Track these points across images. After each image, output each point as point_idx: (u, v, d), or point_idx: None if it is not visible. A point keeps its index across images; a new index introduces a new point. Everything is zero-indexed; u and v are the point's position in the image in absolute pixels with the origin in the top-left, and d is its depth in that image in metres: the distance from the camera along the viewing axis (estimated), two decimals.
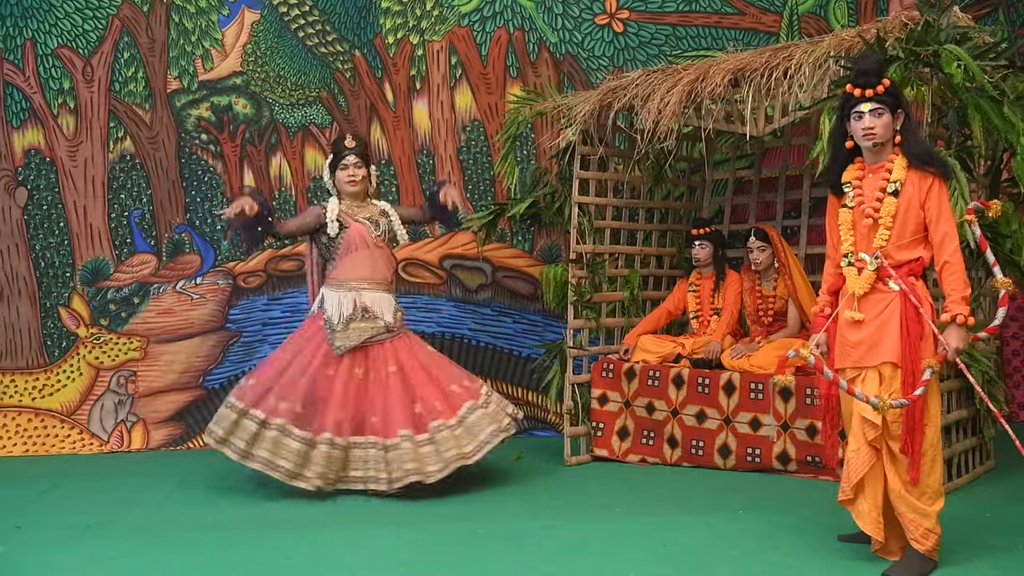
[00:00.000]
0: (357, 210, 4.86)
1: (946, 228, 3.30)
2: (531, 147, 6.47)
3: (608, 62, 6.46)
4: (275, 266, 6.34)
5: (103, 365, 6.17)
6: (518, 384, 6.44)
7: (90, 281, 6.21)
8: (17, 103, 6.17)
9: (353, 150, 4.83)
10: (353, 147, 4.84)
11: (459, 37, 6.44)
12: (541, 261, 6.39)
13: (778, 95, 4.61)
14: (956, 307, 3.24)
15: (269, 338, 6.23)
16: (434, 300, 6.42)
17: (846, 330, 3.44)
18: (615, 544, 3.80)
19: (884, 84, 3.30)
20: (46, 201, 6.20)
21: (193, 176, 6.32)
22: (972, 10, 5.79)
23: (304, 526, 4.14)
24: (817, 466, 4.84)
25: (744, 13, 6.50)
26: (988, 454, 5.04)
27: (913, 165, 3.33)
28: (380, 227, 4.88)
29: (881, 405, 3.18)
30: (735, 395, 5.10)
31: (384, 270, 4.89)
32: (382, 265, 4.88)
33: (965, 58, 4.00)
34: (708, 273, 5.67)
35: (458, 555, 3.69)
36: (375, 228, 4.85)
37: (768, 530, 3.93)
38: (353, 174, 4.82)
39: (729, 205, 6.34)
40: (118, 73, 6.25)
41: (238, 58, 6.32)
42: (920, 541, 3.30)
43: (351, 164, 4.82)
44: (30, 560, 3.72)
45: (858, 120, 3.35)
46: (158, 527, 4.14)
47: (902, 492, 3.30)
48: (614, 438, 5.46)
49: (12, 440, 6.04)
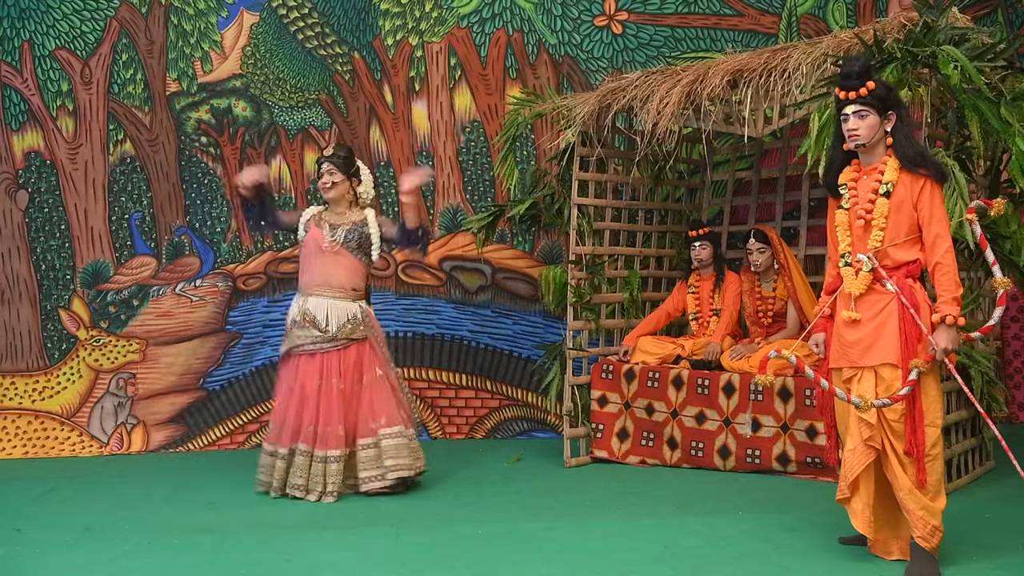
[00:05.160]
0: (335, 217, 4.85)
1: (938, 229, 3.32)
2: (531, 148, 6.47)
3: (607, 63, 6.46)
4: (275, 268, 6.34)
5: (103, 367, 6.17)
6: (518, 385, 6.44)
7: (90, 283, 6.21)
8: (16, 105, 6.17)
9: (329, 158, 4.84)
10: (329, 155, 4.86)
11: (458, 38, 6.44)
12: (541, 262, 6.39)
13: (777, 96, 4.61)
14: (947, 308, 3.26)
15: (269, 340, 6.24)
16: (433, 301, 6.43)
17: (843, 330, 3.46)
18: (615, 545, 3.80)
19: (868, 86, 3.33)
20: (47, 204, 6.20)
21: (193, 179, 6.32)
22: (971, 11, 5.80)
23: (304, 528, 4.14)
24: (817, 467, 4.84)
25: (743, 14, 6.50)
26: (988, 454, 5.05)
27: (905, 167, 3.35)
28: (336, 233, 4.76)
29: (863, 405, 3.22)
30: (735, 396, 5.10)
31: (340, 276, 4.76)
32: (338, 271, 4.76)
33: (961, 59, 4.01)
34: (707, 274, 5.67)
35: (458, 557, 3.69)
36: (331, 234, 4.77)
37: (768, 531, 3.93)
38: (324, 180, 4.84)
39: (728, 206, 6.34)
40: (117, 75, 6.25)
41: (237, 60, 6.33)
42: (927, 539, 3.31)
43: (325, 171, 4.84)
44: (30, 562, 3.72)
45: (844, 122, 3.41)
46: (158, 529, 4.14)
47: (912, 489, 3.31)
48: (614, 439, 5.46)
49: (12, 442, 6.04)
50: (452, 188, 6.48)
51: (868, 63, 3.43)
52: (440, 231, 6.41)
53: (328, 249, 4.77)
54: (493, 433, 6.44)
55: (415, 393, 6.39)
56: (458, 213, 6.43)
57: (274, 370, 6.21)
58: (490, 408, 6.45)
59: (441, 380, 6.41)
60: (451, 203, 6.43)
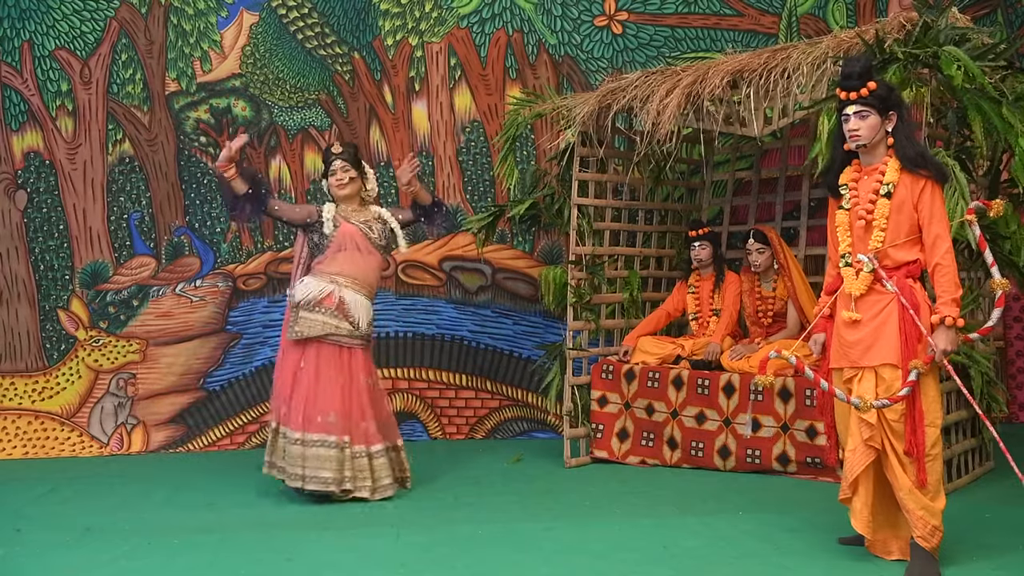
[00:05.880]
0: (353, 215, 4.82)
1: (938, 230, 3.32)
2: (531, 148, 6.47)
3: (607, 63, 6.46)
4: (275, 268, 6.34)
5: (102, 368, 6.17)
6: (518, 386, 6.44)
7: (89, 284, 6.21)
8: (15, 105, 6.17)
9: (340, 155, 4.78)
10: (340, 152, 4.81)
11: (458, 38, 6.44)
12: (541, 262, 6.39)
13: (777, 96, 4.61)
14: (946, 309, 3.27)
15: (269, 340, 6.23)
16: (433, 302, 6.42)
17: (843, 330, 3.46)
18: (615, 546, 3.80)
19: (870, 87, 3.33)
20: (45, 204, 6.20)
21: (192, 178, 6.32)
22: (971, 11, 5.79)
23: (304, 528, 4.14)
24: (817, 467, 4.84)
25: (743, 14, 6.50)
26: (988, 454, 5.05)
27: (906, 167, 3.35)
28: (374, 232, 4.81)
29: (862, 406, 3.24)
30: (735, 396, 5.10)
31: (371, 275, 4.80)
32: (369, 271, 4.79)
33: (965, 60, 4.01)
34: (707, 274, 5.67)
35: (458, 557, 3.69)
36: (369, 231, 4.80)
37: (768, 531, 3.93)
38: (340, 178, 4.77)
39: (728, 206, 6.34)
40: (116, 75, 6.25)
41: (237, 60, 6.32)
42: (927, 539, 3.31)
43: (338, 168, 4.78)
44: (30, 563, 3.72)
45: (845, 122, 3.41)
46: (158, 529, 4.14)
47: (912, 489, 3.31)
48: (614, 440, 5.46)
49: (12, 443, 6.04)
50: (452, 188, 6.48)
51: (869, 63, 3.44)
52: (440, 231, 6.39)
53: (366, 247, 4.77)
54: (493, 433, 6.44)
55: (415, 393, 6.39)
56: (458, 213, 6.43)
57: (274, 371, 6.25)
58: (490, 408, 6.45)
59: (441, 380, 6.41)
60: (451, 203, 6.43)
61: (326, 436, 4.55)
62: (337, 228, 4.72)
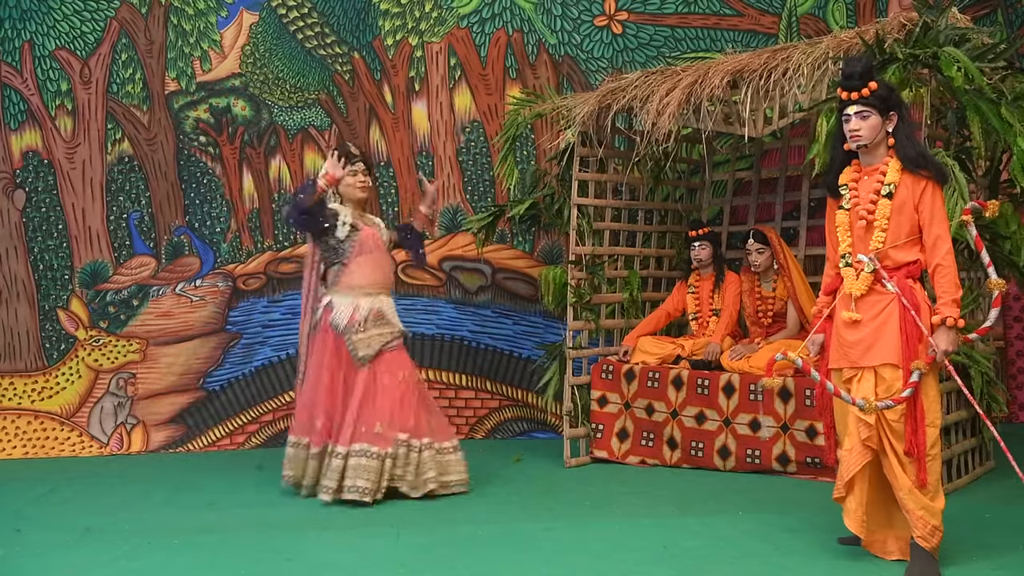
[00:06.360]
0: (360, 218, 4.84)
1: (939, 231, 3.32)
2: (531, 148, 6.47)
3: (607, 63, 6.46)
4: (275, 268, 6.34)
5: (102, 367, 6.17)
6: (518, 386, 6.44)
7: (89, 283, 6.21)
8: (15, 105, 6.17)
9: (360, 158, 4.83)
10: (359, 154, 4.83)
11: (458, 38, 6.44)
12: (541, 262, 6.39)
13: (777, 96, 4.61)
14: (946, 309, 3.27)
15: (269, 340, 6.24)
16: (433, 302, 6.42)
17: (843, 330, 3.46)
18: (615, 546, 3.80)
19: (871, 87, 3.33)
20: (44, 203, 6.20)
21: (192, 178, 6.32)
22: (971, 11, 5.80)
23: (304, 528, 4.14)
24: (817, 467, 4.84)
25: (743, 15, 6.50)
26: (988, 454, 5.05)
27: (907, 168, 3.35)
28: (383, 232, 4.88)
29: (867, 407, 3.23)
30: (735, 396, 5.10)
31: (391, 276, 4.93)
32: (389, 271, 4.90)
33: (964, 60, 4.01)
34: (707, 274, 5.67)
35: (458, 557, 3.69)
36: (380, 232, 4.85)
37: (768, 531, 3.93)
38: (364, 180, 4.79)
39: (728, 206, 6.34)
40: (116, 75, 6.25)
41: (236, 60, 6.33)
42: (926, 539, 3.31)
43: (359, 171, 4.79)
44: (30, 563, 3.72)
45: (846, 122, 3.41)
46: (158, 530, 4.14)
47: (912, 489, 3.31)
48: (613, 440, 5.46)
49: (12, 443, 6.04)
50: (452, 188, 6.48)
51: (870, 63, 3.44)
52: (440, 231, 6.40)
53: (380, 249, 4.81)
54: (493, 433, 6.44)
55: None
56: (458, 213, 6.43)
57: (274, 370, 6.26)
58: (490, 408, 6.45)
59: (441, 380, 6.41)
60: (451, 203, 6.44)
61: (369, 447, 4.53)
62: (357, 231, 4.74)
